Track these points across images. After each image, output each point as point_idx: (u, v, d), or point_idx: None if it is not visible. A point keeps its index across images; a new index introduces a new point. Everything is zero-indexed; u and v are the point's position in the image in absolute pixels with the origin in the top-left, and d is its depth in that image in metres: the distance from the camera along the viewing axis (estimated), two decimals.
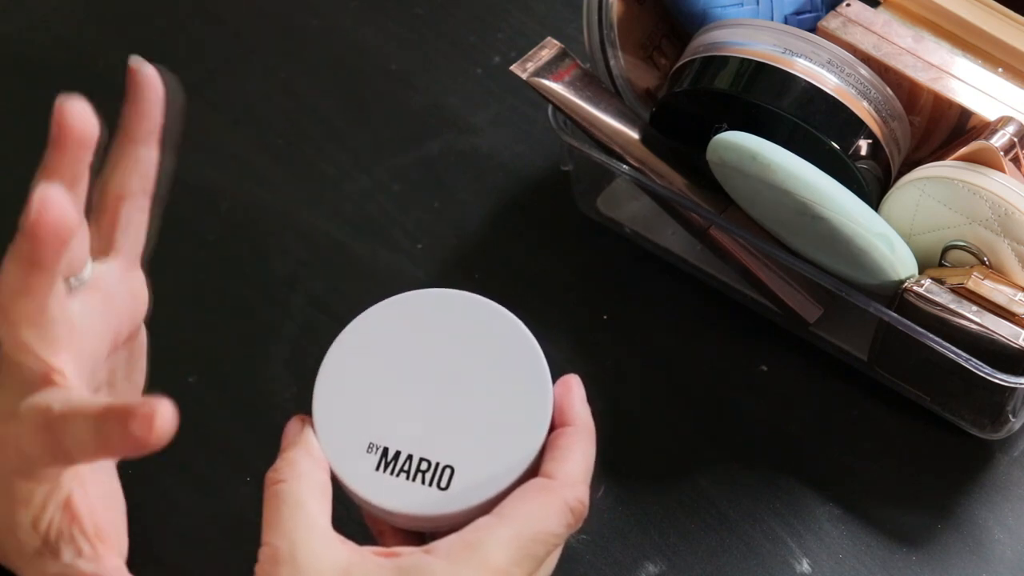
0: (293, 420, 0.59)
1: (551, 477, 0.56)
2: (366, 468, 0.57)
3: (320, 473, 0.57)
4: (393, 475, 0.57)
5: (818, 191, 0.66)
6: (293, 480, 0.55)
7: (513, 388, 0.58)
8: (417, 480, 0.57)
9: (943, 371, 0.68)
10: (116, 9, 0.95)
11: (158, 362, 0.77)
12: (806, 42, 0.70)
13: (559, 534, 0.55)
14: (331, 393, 0.59)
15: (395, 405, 0.58)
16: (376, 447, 0.57)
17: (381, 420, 0.58)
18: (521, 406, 0.58)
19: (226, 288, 0.80)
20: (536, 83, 0.73)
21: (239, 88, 0.90)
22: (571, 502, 0.55)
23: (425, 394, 0.58)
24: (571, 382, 0.59)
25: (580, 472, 0.57)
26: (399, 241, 0.82)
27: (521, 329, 0.60)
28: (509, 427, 0.57)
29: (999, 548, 0.69)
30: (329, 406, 0.58)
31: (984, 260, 0.68)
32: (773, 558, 0.69)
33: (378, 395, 0.58)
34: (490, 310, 0.60)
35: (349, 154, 0.86)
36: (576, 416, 0.58)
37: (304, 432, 0.58)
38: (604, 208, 0.81)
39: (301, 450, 0.57)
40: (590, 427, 0.59)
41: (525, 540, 0.54)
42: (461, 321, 0.60)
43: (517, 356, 0.59)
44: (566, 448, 0.57)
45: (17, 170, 0.87)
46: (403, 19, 0.93)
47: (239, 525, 0.70)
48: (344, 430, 0.58)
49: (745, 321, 0.77)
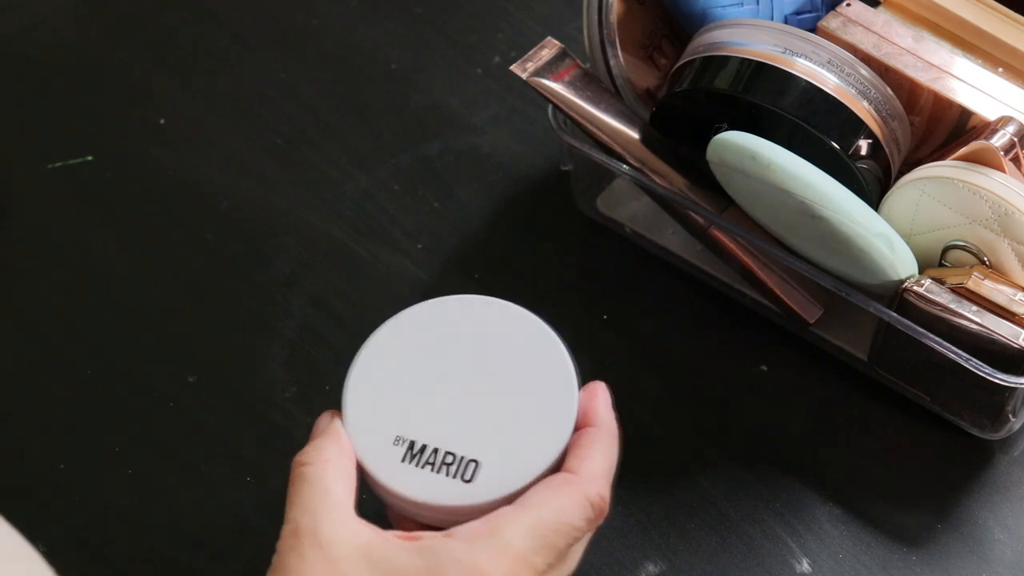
0: (324, 413, 0.60)
1: (574, 473, 0.57)
2: (392, 459, 0.58)
3: (346, 460, 0.58)
4: (418, 467, 0.58)
5: (818, 191, 0.66)
6: (319, 464, 0.56)
7: (540, 388, 0.59)
8: (442, 472, 0.58)
9: (943, 371, 0.68)
10: (116, 9, 0.95)
11: (158, 362, 0.77)
12: (806, 42, 0.70)
13: (579, 527, 0.56)
14: (362, 388, 0.60)
15: (424, 401, 0.59)
16: (403, 440, 0.58)
17: (409, 415, 0.59)
18: (547, 405, 0.59)
19: (226, 288, 0.80)
20: (536, 83, 0.73)
21: (239, 88, 0.90)
22: (592, 497, 0.56)
23: (453, 392, 0.60)
24: (597, 387, 0.60)
25: (602, 469, 0.58)
26: (399, 241, 0.82)
27: (550, 334, 0.61)
28: (535, 424, 0.59)
29: (999, 548, 0.69)
30: (359, 400, 0.59)
31: (984, 260, 0.68)
32: (773, 558, 0.69)
33: (407, 391, 0.60)
34: (521, 316, 0.61)
35: (349, 154, 0.86)
36: (600, 418, 0.59)
37: (333, 423, 0.59)
38: (604, 208, 0.81)
39: (329, 438, 0.58)
40: (614, 429, 0.59)
41: (546, 529, 0.55)
42: (492, 325, 0.61)
43: (546, 359, 0.60)
44: (588, 446, 0.58)
45: (18, 170, 0.87)
46: (403, 19, 0.93)
47: (239, 525, 0.70)
48: (372, 423, 0.59)
49: (745, 321, 0.77)
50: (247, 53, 0.92)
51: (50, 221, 0.84)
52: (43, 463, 0.73)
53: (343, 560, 0.54)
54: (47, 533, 0.70)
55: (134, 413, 0.75)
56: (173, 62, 0.92)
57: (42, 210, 0.84)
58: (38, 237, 0.83)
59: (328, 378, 0.76)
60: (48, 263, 0.82)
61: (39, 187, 0.85)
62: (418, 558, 0.54)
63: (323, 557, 0.54)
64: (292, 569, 0.54)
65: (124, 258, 0.82)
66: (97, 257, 0.82)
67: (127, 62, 0.92)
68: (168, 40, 0.93)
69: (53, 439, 0.74)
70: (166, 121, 0.88)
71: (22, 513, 0.71)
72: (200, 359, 0.77)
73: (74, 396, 0.76)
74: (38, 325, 0.79)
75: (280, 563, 0.54)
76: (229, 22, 0.94)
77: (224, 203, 0.84)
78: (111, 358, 0.77)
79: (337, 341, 0.77)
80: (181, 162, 0.86)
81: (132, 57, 0.92)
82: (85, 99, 0.90)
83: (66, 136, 0.87)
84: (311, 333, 0.78)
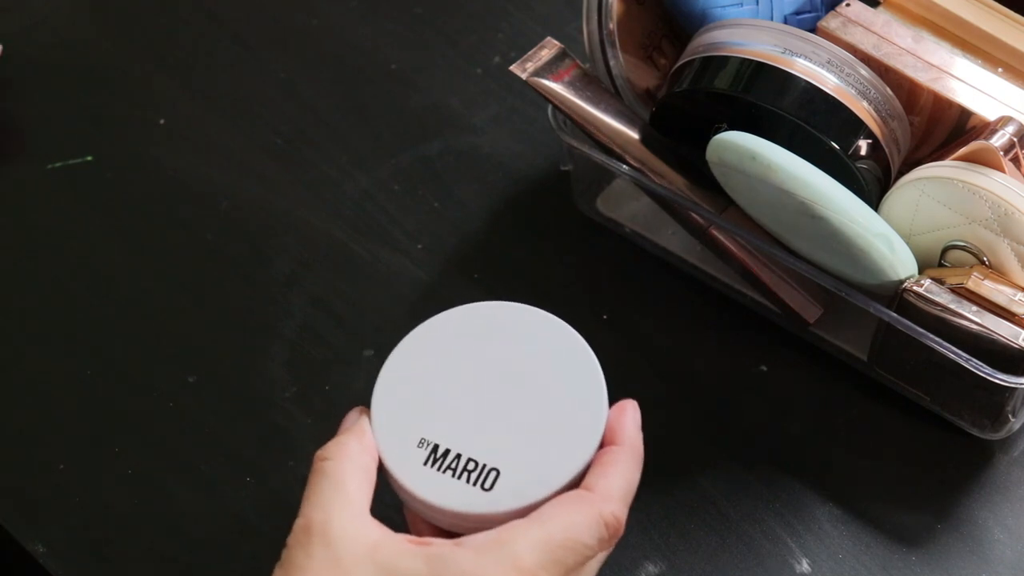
0: (353, 410, 0.60)
1: (591, 490, 0.57)
2: (414, 462, 0.58)
3: (366, 458, 0.58)
4: (440, 471, 0.58)
5: (818, 191, 0.66)
6: (339, 460, 0.57)
7: (569, 402, 0.59)
8: (462, 479, 0.57)
9: (943, 371, 0.68)
10: (116, 9, 0.95)
11: (158, 362, 0.77)
12: (806, 42, 0.70)
13: (590, 545, 0.55)
14: (390, 389, 0.60)
15: (451, 406, 0.59)
16: (427, 443, 0.58)
17: (436, 419, 0.59)
18: (574, 419, 0.59)
19: (226, 288, 0.80)
20: (536, 83, 0.73)
21: (239, 88, 0.90)
22: (606, 516, 0.56)
23: (482, 399, 0.59)
24: (627, 405, 0.60)
25: (619, 489, 0.57)
26: (399, 241, 0.82)
27: (585, 349, 0.61)
28: (560, 438, 0.58)
29: (999, 548, 0.69)
30: (387, 401, 0.59)
31: (984, 260, 0.68)
32: (773, 558, 0.69)
33: (436, 395, 0.60)
34: (555, 326, 0.61)
35: (349, 154, 0.86)
36: (627, 437, 0.59)
37: (360, 420, 0.59)
38: (604, 208, 0.81)
39: (353, 435, 0.58)
40: (639, 450, 0.59)
41: (555, 545, 0.54)
42: (526, 334, 0.61)
43: (577, 372, 0.60)
44: (610, 464, 0.58)
45: (18, 170, 0.87)
46: (403, 19, 0.93)
47: (239, 525, 0.70)
48: (398, 424, 0.59)
49: (745, 321, 0.77)
50: (247, 53, 0.92)
51: (50, 221, 0.84)
52: (43, 463, 0.73)
53: (349, 560, 0.54)
54: (47, 533, 0.70)
55: (134, 413, 0.75)
56: (173, 62, 0.92)
57: (42, 210, 0.84)
58: (38, 237, 0.83)
59: (328, 378, 0.76)
60: (48, 263, 0.82)
61: (39, 187, 0.85)
62: (424, 565, 0.54)
63: (330, 556, 0.54)
64: (298, 565, 0.54)
65: (124, 258, 0.82)
66: (97, 257, 0.82)
67: (127, 62, 0.92)
68: (168, 40, 0.93)
69: (53, 439, 0.74)
70: (166, 121, 0.88)
71: (22, 513, 0.71)
72: (200, 359, 0.77)
73: (74, 396, 0.76)
74: (38, 325, 0.79)
75: (288, 558, 0.55)
76: (229, 22, 0.94)
77: (224, 203, 0.84)
78: (111, 358, 0.77)
79: (337, 341, 0.77)
80: (181, 162, 0.86)
81: (132, 57, 0.92)
82: (85, 99, 0.90)
83: (66, 136, 0.87)
84: (311, 333, 0.78)
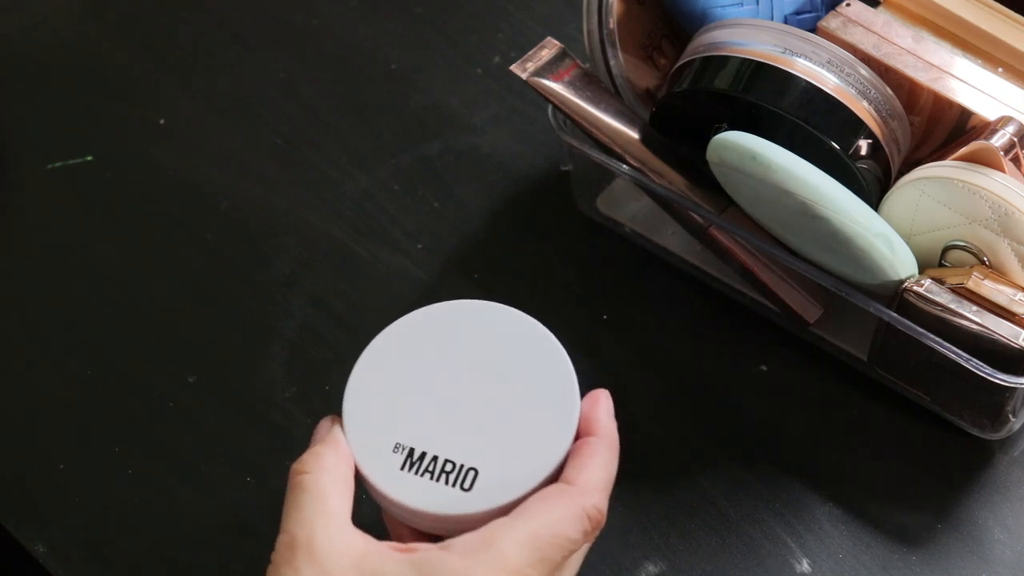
0: (324, 419, 0.60)
1: (571, 483, 0.56)
2: (391, 467, 0.58)
3: (344, 468, 0.57)
4: (417, 475, 0.57)
5: (818, 191, 0.66)
6: (316, 472, 0.56)
7: (541, 397, 0.59)
8: (441, 480, 0.57)
9: (943, 371, 0.68)
10: (116, 9, 0.95)
11: (158, 362, 0.77)
12: (806, 42, 0.70)
13: (575, 539, 0.55)
14: (361, 394, 0.59)
15: (424, 408, 0.59)
16: (402, 447, 0.58)
17: (409, 422, 0.59)
18: (548, 414, 0.59)
19: (226, 288, 0.80)
20: (536, 83, 0.73)
21: (239, 88, 0.90)
22: (588, 509, 0.56)
23: (454, 399, 0.59)
24: (599, 395, 0.60)
25: (599, 480, 0.57)
26: (399, 241, 0.82)
27: (552, 342, 0.60)
28: (535, 433, 0.58)
29: (999, 548, 0.69)
30: (359, 407, 0.59)
31: (984, 260, 0.68)
32: (773, 558, 0.69)
33: (407, 398, 0.59)
34: (522, 322, 0.61)
35: (349, 154, 0.86)
36: (601, 428, 0.59)
37: (333, 429, 0.58)
38: (604, 208, 0.81)
39: (328, 446, 0.58)
40: (614, 440, 0.59)
41: (541, 541, 0.54)
42: (494, 331, 0.61)
43: (547, 367, 0.60)
44: (588, 456, 0.57)
45: (18, 170, 0.87)
46: (403, 19, 0.93)
47: (239, 525, 0.70)
48: (372, 430, 0.58)
49: (745, 321, 0.77)
50: (247, 53, 0.92)
51: (50, 221, 0.84)
52: (43, 463, 0.73)
53: (337, 573, 0.53)
54: (47, 533, 0.70)
55: (134, 413, 0.75)
56: (173, 62, 0.92)
57: (42, 210, 0.84)
58: (38, 237, 0.83)
59: (328, 378, 0.76)
60: (48, 263, 0.82)
61: (39, 187, 0.85)
62: (412, 571, 0.53)
63: (316, 571, 0.53)
64: None
65: (124, 258, 0.82)
66: (97, 257, 0.82)
67: (127, 62, 0.92)
68: (168, 40, 0.93)
69: (53, 439, 0.74)
70: (166, 121, 0.88)
71: (22, 513, 0.71)
72: (200, 359, 0.77)
73: (74, 396, 0.76)
74: (38, 325, 0.79)
75: (274, 575, 0.54)
76: (229, 22, 0.94)
77: (224, 203, 0.84)
78: (111, 358, 0.77)
79: (337, 341, 0.77)
80: (181, 162, 0.86)
81: (132, 57, 0.92)
82: (85, 99, 0.90)
83: (66, 136, 0.87)
84: (311, 333, 0.78)
